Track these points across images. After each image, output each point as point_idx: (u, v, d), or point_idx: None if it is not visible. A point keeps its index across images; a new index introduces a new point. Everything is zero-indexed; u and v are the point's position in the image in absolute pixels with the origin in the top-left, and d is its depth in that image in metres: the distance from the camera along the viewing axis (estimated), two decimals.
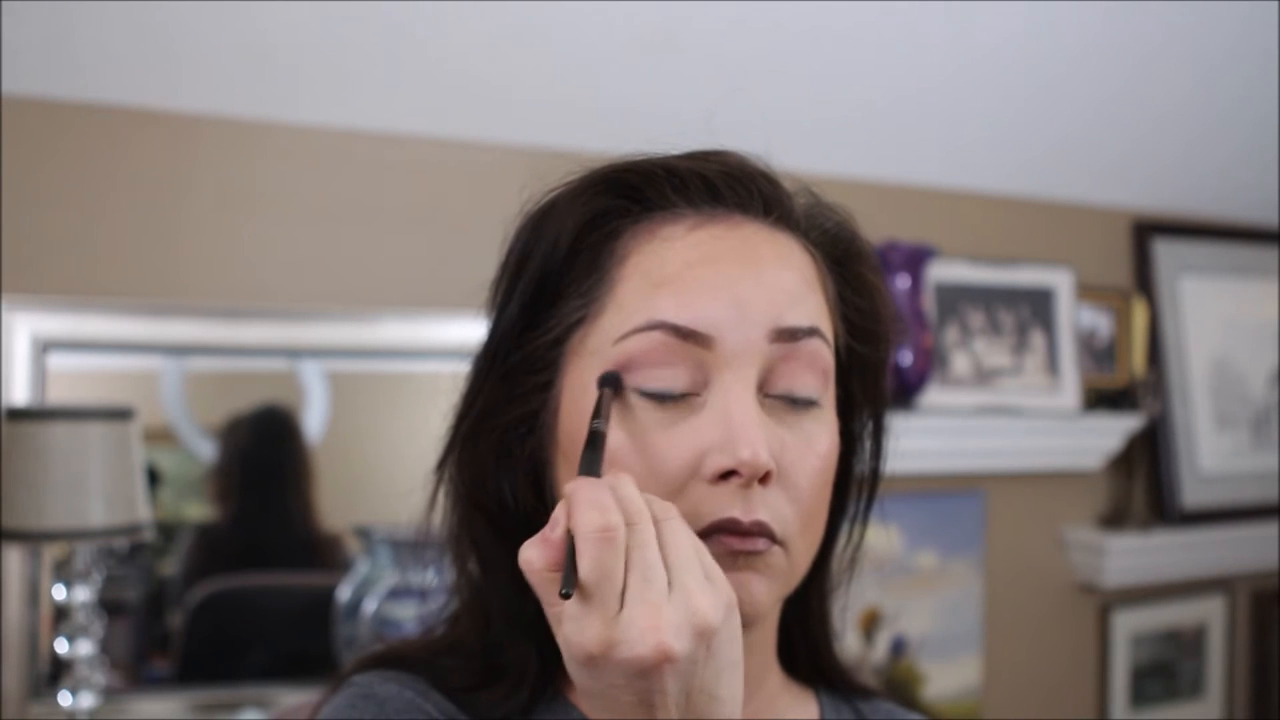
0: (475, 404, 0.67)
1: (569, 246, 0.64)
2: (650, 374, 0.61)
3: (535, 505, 0.66)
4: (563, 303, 0.64)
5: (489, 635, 0.67)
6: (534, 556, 0.53)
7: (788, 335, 0.62)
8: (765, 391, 0.62)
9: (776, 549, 0.61)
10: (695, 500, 0.60)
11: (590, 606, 0.51)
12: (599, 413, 0.60)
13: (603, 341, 0.62)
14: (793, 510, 0.62)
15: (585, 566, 0.51)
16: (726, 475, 0.59)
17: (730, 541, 0.60)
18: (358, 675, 0.66)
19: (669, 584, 0.51)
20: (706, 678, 0.51)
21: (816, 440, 0.63)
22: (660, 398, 0.61)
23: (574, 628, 0.51)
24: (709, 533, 0.59)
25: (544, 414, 0.65)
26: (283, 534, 1.97)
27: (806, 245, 0.66)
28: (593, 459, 0.58)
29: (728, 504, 0.59)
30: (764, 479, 0.60)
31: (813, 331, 0.63)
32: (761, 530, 0.60)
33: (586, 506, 0.52)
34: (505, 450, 0.66)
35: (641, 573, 0.51)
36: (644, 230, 0.64)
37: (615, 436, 0.60)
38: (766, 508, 0.60)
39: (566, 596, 0.51)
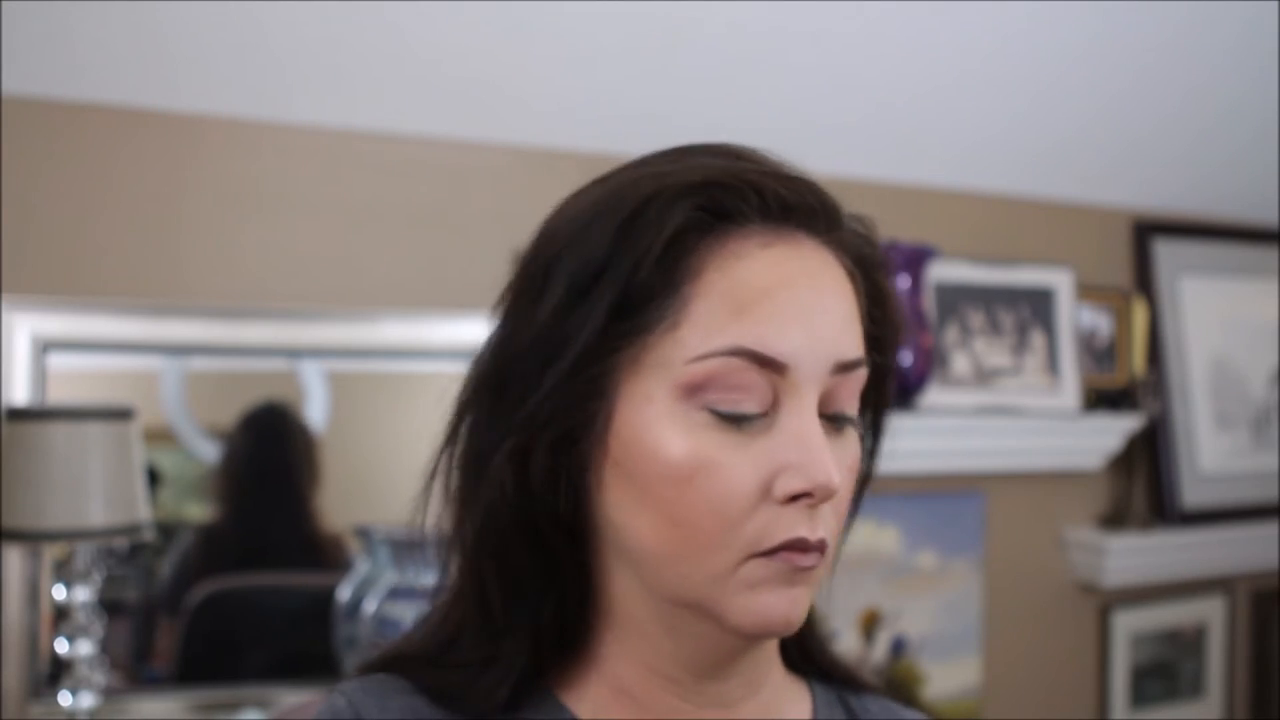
0: (521, 408, 0.65)
1: (660, 255, 0.63)
2: (725, 396, 0.62)
3: (572, 513, 0.66)
4: (637, 313, 0.63)
5: (484, 631, 0.67)
6: None
7: (846, 367, 0.65)
8: (819, 414, 0.64)
9: (821, 561, 0.64)
10: (766, 519, 0.61)
11: None
12: None
13: (672, 356, 0.62)
14: (835, 523, 0.65)
15: None
16: (797, 496, 0.61)
17: (796, 559, 0.62)
18: (344, 683, 0.69)
19: None
20: None
21: (852, 457, 0.66)
22: (736, 419, 0.62)
23: None
24: (777, 551, 0.61)
25: (596, 421, 0.64)
26: (283, 534, 1.97)
27: (845, 263, 0.67)
28: None
29: (796, 524, 0.62)
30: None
31: (861, 362, 0.66)
32: (822, 547, 0.63)
33: None
34: (551, 455, 0.65)
35: None
36: (716, 244, 0.63)
37: (686, 454, 0.61)
38: (825, 525, 0.63)
39: None
